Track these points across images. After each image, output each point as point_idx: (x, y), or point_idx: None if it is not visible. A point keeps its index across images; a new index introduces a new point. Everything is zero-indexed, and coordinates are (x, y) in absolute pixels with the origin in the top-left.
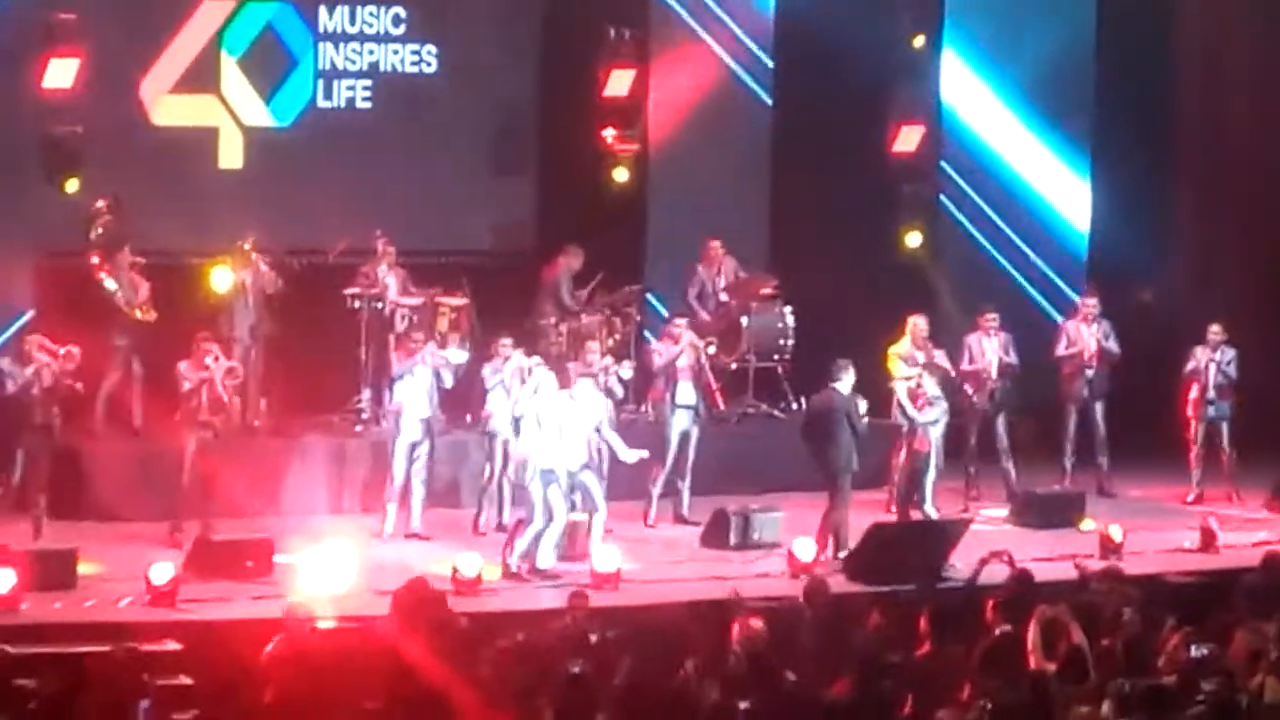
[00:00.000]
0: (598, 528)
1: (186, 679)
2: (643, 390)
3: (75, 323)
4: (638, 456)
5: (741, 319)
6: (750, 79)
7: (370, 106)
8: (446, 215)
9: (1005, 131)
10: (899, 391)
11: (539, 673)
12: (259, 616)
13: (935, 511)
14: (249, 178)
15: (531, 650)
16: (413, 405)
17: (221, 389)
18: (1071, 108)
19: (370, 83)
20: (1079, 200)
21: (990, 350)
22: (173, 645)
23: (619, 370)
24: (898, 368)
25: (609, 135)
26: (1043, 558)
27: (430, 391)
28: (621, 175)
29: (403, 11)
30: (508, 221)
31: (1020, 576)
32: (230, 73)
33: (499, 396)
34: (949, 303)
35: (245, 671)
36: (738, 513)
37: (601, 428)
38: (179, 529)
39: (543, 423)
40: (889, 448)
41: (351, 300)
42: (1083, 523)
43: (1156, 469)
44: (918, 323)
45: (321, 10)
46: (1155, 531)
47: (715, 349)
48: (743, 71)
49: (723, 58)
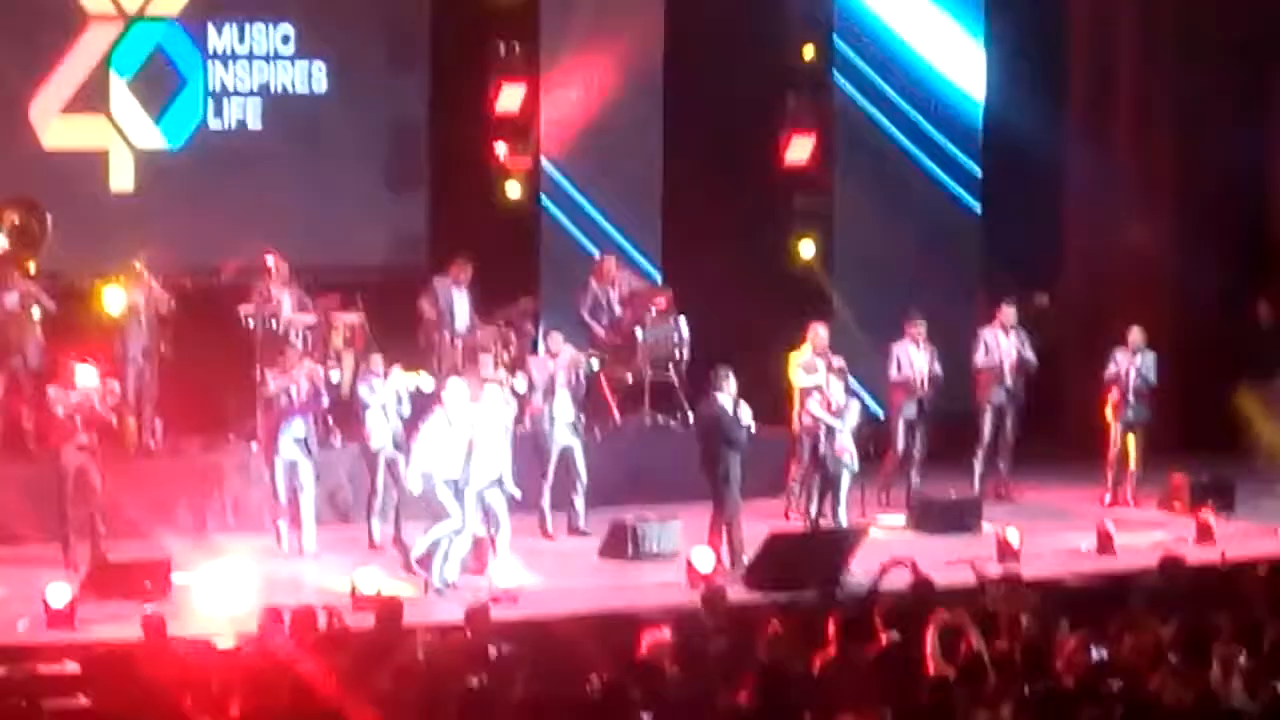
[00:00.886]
0: (502, 543)
1: (85, 700)
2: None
3: None
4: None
5: (636, 331)
6: (641, 92)
7: (261, 126)
8: (340, 232)
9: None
10: (810, 404)
11: (438, 688)
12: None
13: (847, 519)
14: (141, 199)
15: (431, 665)
16: (290, 424)
17: (98, 404)
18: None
19: (261, 101)
20: (974, 67)
21: (920, 361)
22: (71, 667)
23: (512, 383)
24: (798, 376)
25: (501, 150)
26: (940, 562)
27: (304, 412)
28: (514, 190)
29: (291, 30)
30: (401, 237)
31: (917, 584)
32: (120, 94)
33: (377, 415)
34: (844, 311)
35: (145, 692)
36: (636, 524)
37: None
38: (70, 550)
39: (453, 434)
40: (785, 455)
41: (245, 319)
42: (981, 527)
43: (1055, 471)
44: (819, 330)
45: (210, 29)
46: (1053, 534)
47: (601, 364)
48: (634, 85)
49: (614, 71)
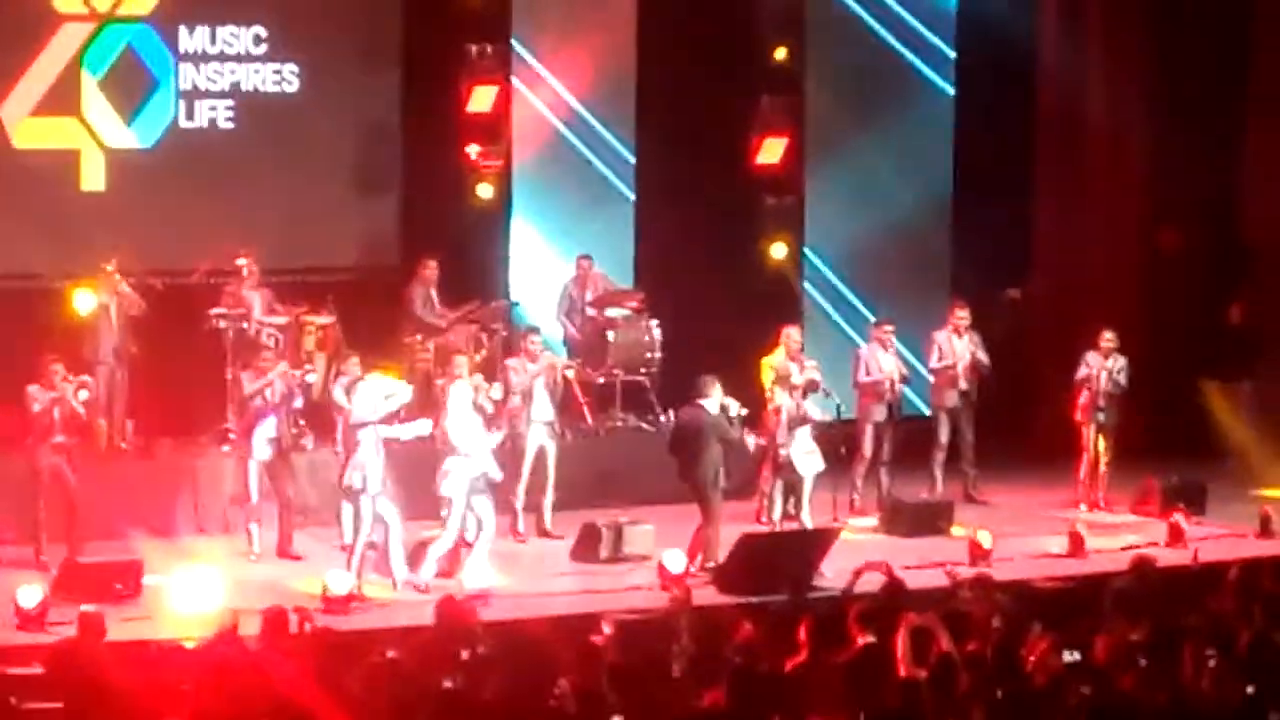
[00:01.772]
0: (483, 547)
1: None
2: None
3: None
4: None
5: (607, 333)
6: (613, 93)
7: (233, 126)
8: (311, 233)
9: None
10: (781, 400)
11: (410, 690)
12: (129, 638)
13: (812, 521)
14: (112, 200)
15: (402, 667)
16: (265, 426)
17: (76, 404)
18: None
19: (232, 102)
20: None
21: (887, 363)
22: (39, 669)
23: (489, 390)
24: (771, 379)
25: (472, 151)
26: (912, 565)
27: (279, 413)
28: (485, 191)
29: (263, 31)
30: (372, 239)
31: (890, 587)
32: (91, 94)
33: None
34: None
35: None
36: (608, 526)
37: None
38: (43, 552)
39: (462, 435)
40: (758, 458)
41: (216, 321)
42: (952, 529)
43: (1026, 473)
44: (791, 334)
45: (182, 31)
46: (1024, 537)
47: (575, 370)
48: (605, 86)
49: (585, 73)
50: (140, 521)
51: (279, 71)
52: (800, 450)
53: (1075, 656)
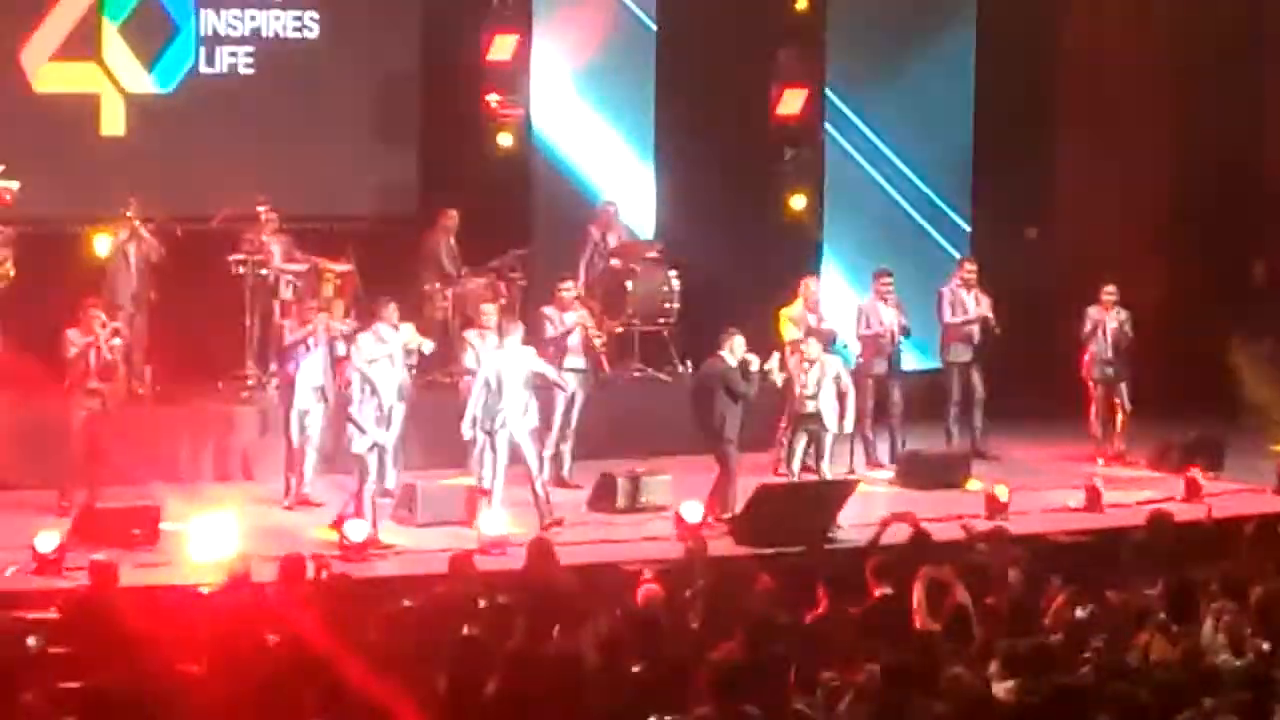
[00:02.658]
0: (537, 487)
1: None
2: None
3: None
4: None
5: (626, 283)
6: (633, 43)
7: (252, 72)
8: (330, 181)
9: None
10: (792, 361)
11: (429, 637)
12: (144, 584)
13: (830, 473)
14: (131, 145)
15: (421, 615)
16: (306, 374)
17: (108, 351)
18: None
19: (252, 49)
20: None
21: (888, 315)
22: (55, 614)
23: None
24: (790, 331)
25: (492, 100)
26: (929, 518)
27: (324, 360)
28: (505, 140)
29: None
30: (391, 187)
31: (916, 538)
32: (111, 39)
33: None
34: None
35: (130, 640)
36: (625, 476)
37: (541, 369)
38: (67, 497)
39: (493, 382)
40: (776, 410)
41: (236, 267)
42: (968, 483)
43: (1042, 427)
44: (810, 285)
45: None
46: (1041, 491)
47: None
48: (625, 36)
49: (605, 22)
50: (158, 467)
51: (299, 18)
52: (827, 403)
53: (1089, 610)
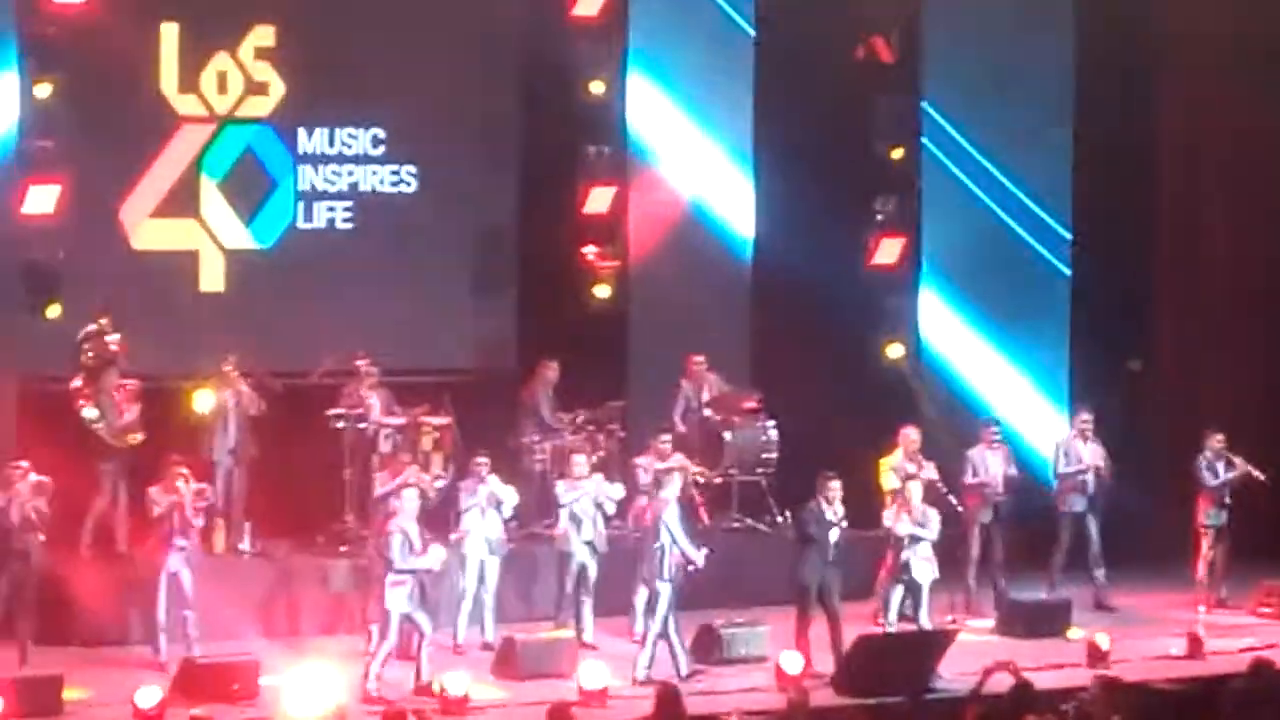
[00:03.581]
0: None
1: None
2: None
3: (60, 449)
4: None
5: (724, 434)
6: (728, 194)
7: (351, 227)
8: (428, 334)
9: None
10: (888, 513)
11: None
12: None
13: (929, 622)
14: (231, 300)
15: None
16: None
17: (191, 511)
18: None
19: (350, 203)
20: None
21: (995, 464)
22: None
23: (610, 491)
24: (889, 480)
25: (589, 252)
26: (1030, 667)
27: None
28: (603, 292)
29: (382, 132)
30: (489, 340)
31: (1018, 687)
32: (210, 196)
33: (474, 517)
34: (932, 414)
35: None
36: (724, 627)
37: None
38: (161, 652)
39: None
40: (876, 559)
41: (335, 421)
42: (1069, 631)
43: (1142, 572)
44: (909, 434)
45: (301, 132)
46: (1142, 639)
47: (703, 475)
48: (721, 187)
49: (700, 173)
50: (258, 622)
51: (397, 172)
52: (920, 557)
53: None
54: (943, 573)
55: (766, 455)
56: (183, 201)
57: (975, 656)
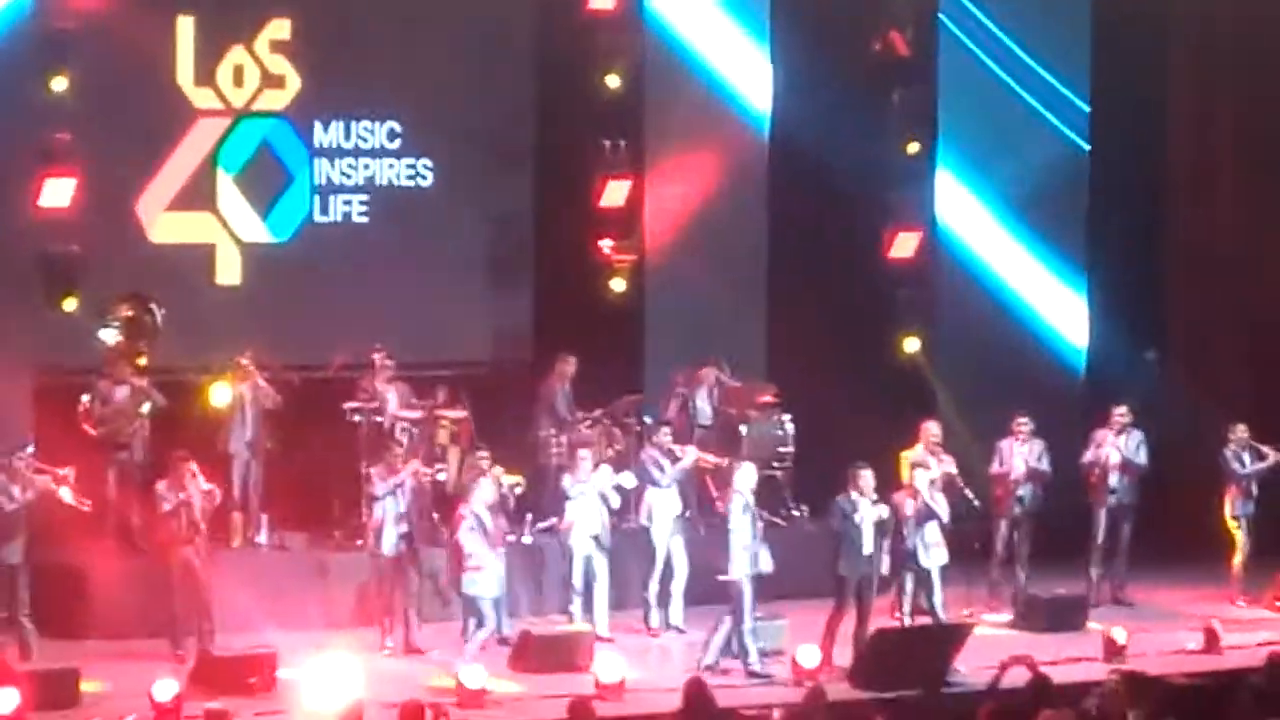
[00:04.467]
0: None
1: None
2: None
3: (75, 443)
4: None
5: (740, 427)
6: (745, 186)
7: (367, 220)
8: (444, 328)
9: (998, 246)
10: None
11: None
12: None
13: (944, 615)
14: (247, 293)
15: None
16: (395, 522)
17: (199, 513)
18: (1064, 222)
19: (367, 197)
20: (1076, 316)
21: (1020, 456)
22: None
23: (620, 480)
24: (910, 474)
25: (606, 245)
26: (1046, 661)
27: (410, 510)
28: (619, 285)
29: (398, 126)
30: (506, 333)
31: (1035, 682)
32: (227, 190)
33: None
34: (948, 408)
35: None
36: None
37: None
38: (179, 645)
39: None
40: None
41: (351, 414)
42: (1087, 624)
43: (1160, 566)
44: (930, 428)
45: (317, 126)
46: (1159, 633)
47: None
48: (737, 179)
49: (717, 166)
50: (275, 615)
51: (413, 166)
52: (926, 542)
53: None
54: (964, 566)
55: (783, 449)
56: (199, 195)
57: (992, 651)
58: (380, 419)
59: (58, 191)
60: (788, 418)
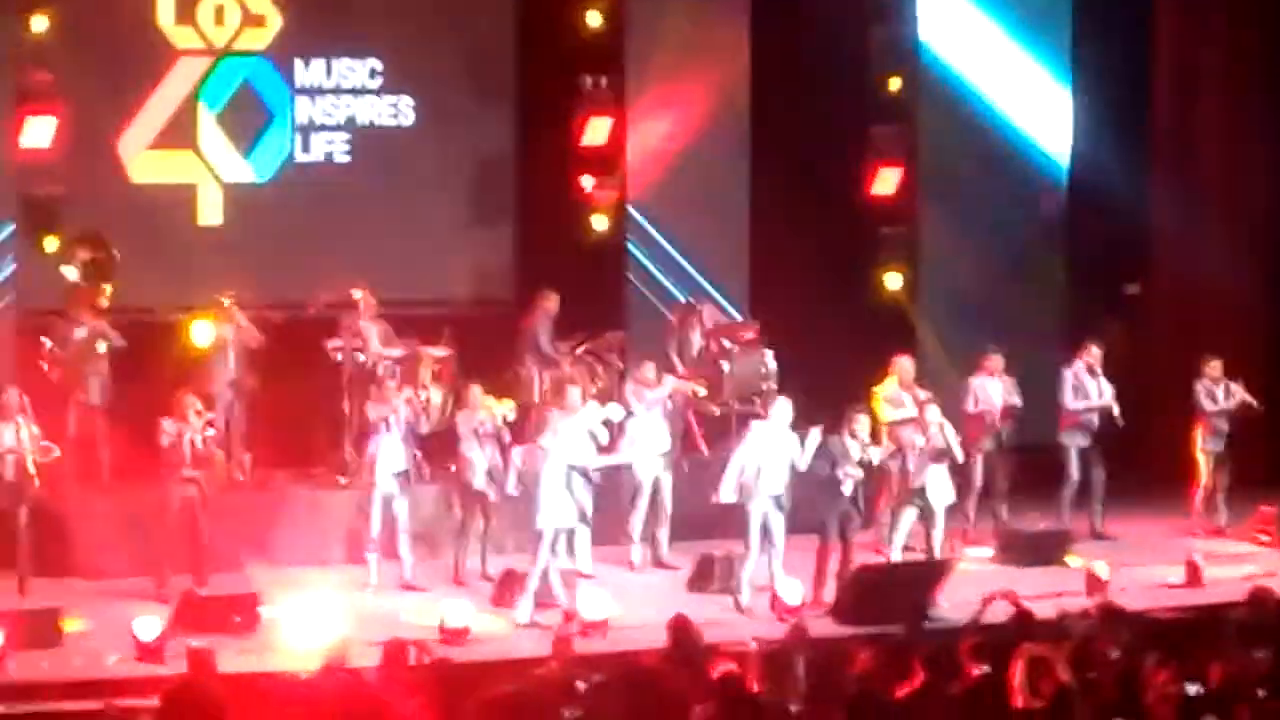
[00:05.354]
0: (777, 566)
1: None
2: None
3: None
4: None
5: (722, 364)
6: (727, 124)
7: (349, 159)
8: (427, 266)
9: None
10: (906, 433)
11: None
12: (244, 671)
13: (941, 550)
14: (228, 233)
15: (520, 699)
16: (387, 456)
17: (201, 442)
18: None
19: (348, 136)
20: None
21: (996, 393)
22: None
23: (607, 413)
24: (884, 410)
25: (587, 183)
26: (1029, 596)
27: (405, 442)
28: (601, 223)
29: (379, 64)
30: (488, 271)
31: (1018, 617)
32: (208, 128)
33: (471, 446)
34: (932, 343)
35: None
36: (723, 557)
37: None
38: (164, 584)
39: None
40: (873, 490)
41: (333, 353)
42: (1068, 559)
43: (1140, 500)
44: (903, 363)
45: (298, 64)
46: (1141, 567)
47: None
48: (720, 117)
49: (700, 104)
50: (257, 554)
51: (394, 105)
52: (937, 479)
53: (1198, 689)
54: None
55: (764, 385)
56: (180, 134)
57: (974, 586)
58: (363, 357)
59: (38, 131)
60: (770, 354)
